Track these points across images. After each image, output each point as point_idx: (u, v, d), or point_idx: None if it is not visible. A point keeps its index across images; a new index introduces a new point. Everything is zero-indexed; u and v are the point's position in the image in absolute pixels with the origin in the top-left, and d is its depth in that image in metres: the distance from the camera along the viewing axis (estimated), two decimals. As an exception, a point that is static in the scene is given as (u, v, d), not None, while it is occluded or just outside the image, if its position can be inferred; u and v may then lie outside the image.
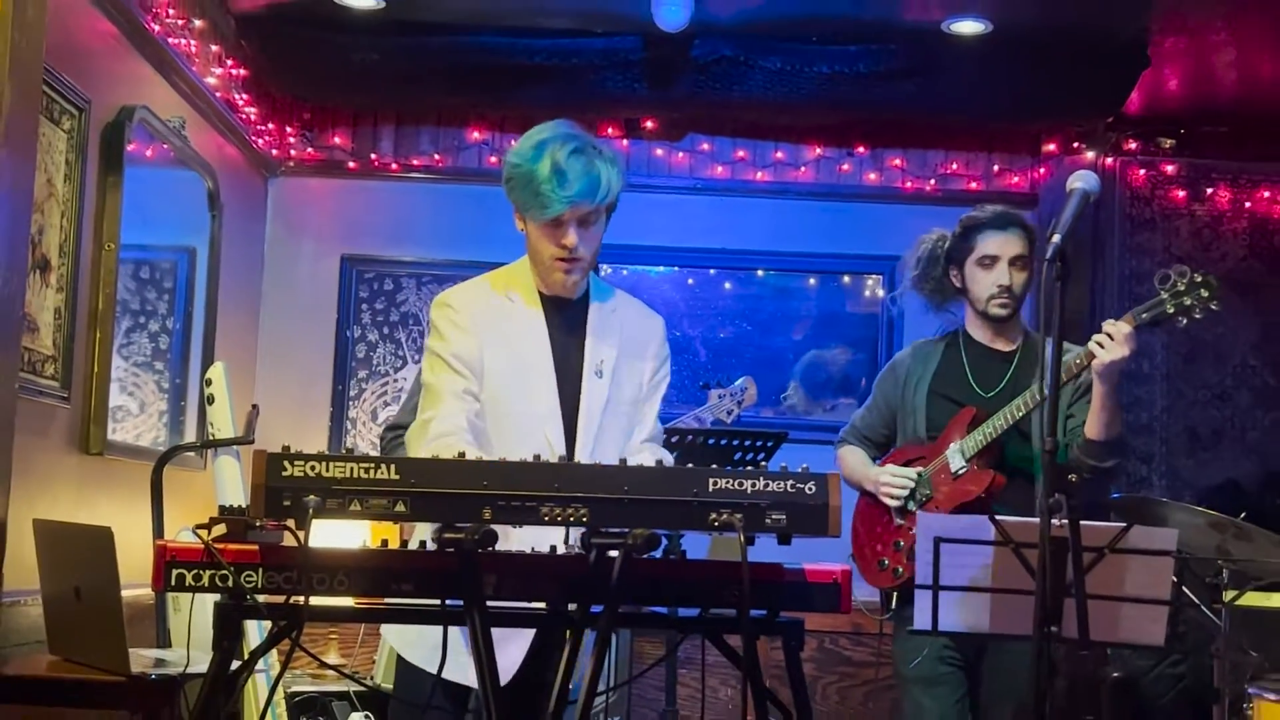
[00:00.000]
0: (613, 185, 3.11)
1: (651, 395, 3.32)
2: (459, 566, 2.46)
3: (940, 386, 4.04)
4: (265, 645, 2.61)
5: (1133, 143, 6.57)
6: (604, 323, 3.26)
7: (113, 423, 4.65)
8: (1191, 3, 5.37)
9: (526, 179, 3.08)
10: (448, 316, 3.18)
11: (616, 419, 3.22)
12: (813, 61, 5.83)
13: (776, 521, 2.44)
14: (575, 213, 3.09)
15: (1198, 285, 3.63)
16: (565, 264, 3.14)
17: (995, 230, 3.97)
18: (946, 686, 3.89)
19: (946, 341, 4.13)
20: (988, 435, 3.84)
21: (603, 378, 3.20)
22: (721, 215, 6.53)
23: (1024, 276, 3.97)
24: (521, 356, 3.17)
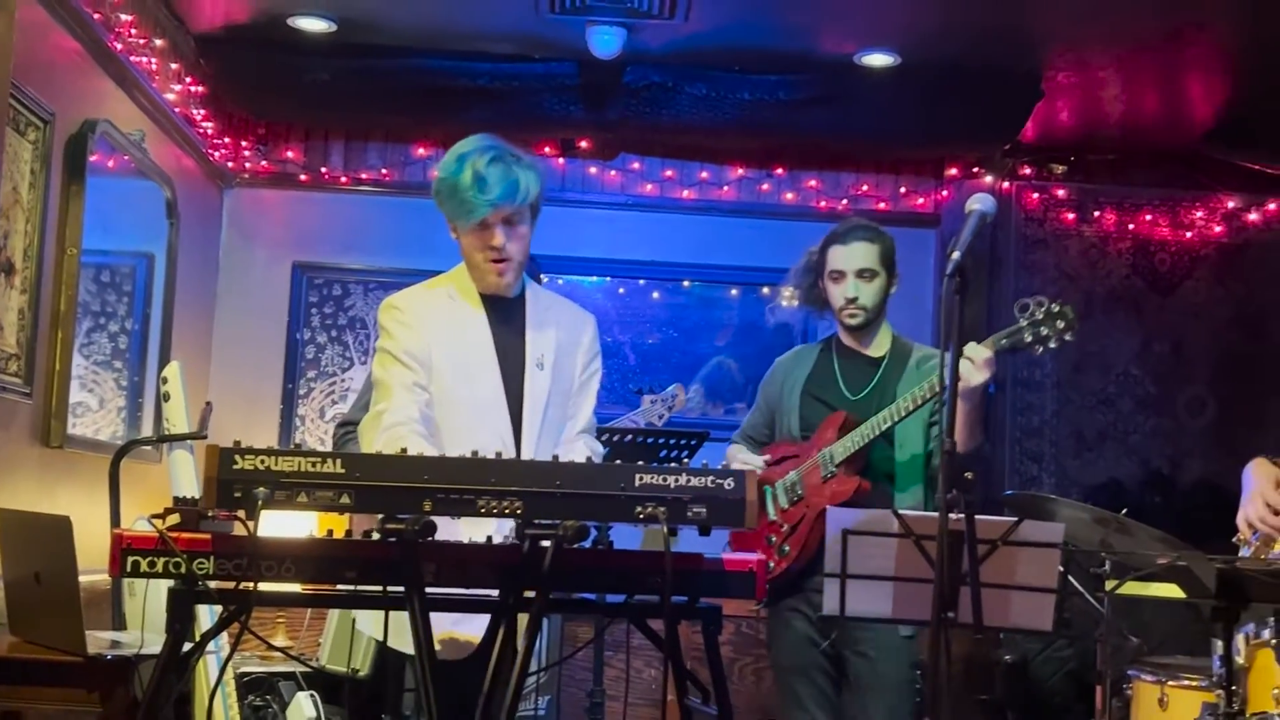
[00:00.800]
0: (531, 188, 3.15)
1: (585, 388, 3.33)
2: (400, 555, 2.45)
3: (813, 389, 3.98)
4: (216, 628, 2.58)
5: (1027, 168, 6.65)
6: (541, 318, 3.27)
7: (73, 418, 4.59)
8: (1082, 41, 5.44)
9: (451, 189, 3.12)
10: (395, 317, 3.19)
11: (557, 409, 3.24)
12: (736, 89, 5.86)
13: (698, 514, 2.45)
14: (499, 214, 3.12)
15: (1054, 316, 3.55)
16: (497, 264, 3.17)
17: (840, 245, 3.89)
18: (819, 673, 3.84)
19: (821, 346, 4.08)
20: (855, 443, 3.77)
21: (544, 370, 3.21)
22: (650, 230, 6.55)
23: (873, 286, 3.87)
24: (466, 351, 3.18)
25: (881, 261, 3.89)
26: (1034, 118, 6.07)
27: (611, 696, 5.51)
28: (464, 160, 3.12)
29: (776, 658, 3.97)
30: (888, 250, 3.91)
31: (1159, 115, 6.15)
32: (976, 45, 5.53)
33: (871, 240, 3.89)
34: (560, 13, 5.34)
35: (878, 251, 3.88)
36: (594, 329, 3.38)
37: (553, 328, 3.28)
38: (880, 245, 3.89)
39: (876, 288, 3.89)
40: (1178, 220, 6.62)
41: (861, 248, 3.87)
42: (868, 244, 3.88)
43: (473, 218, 3.12)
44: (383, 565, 2.48)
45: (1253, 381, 6.56)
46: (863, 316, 3.90)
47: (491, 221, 3.13)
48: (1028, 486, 6.36)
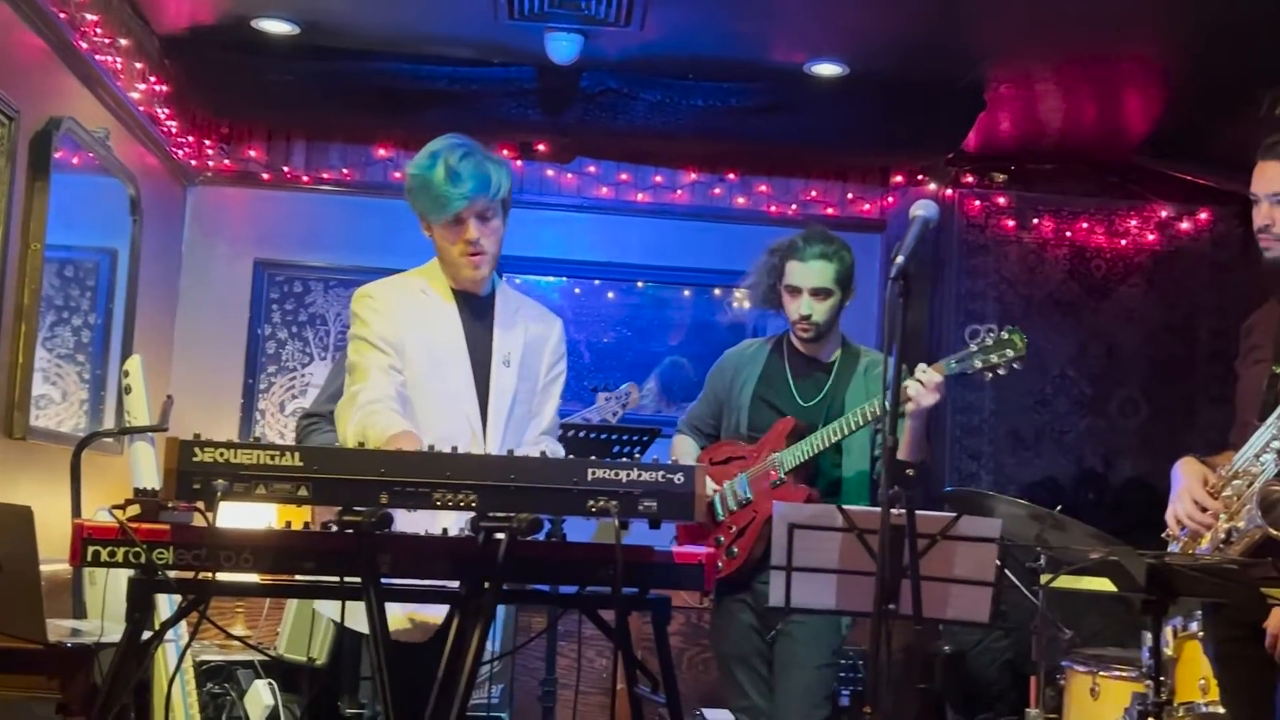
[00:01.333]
0: (503, 183, 3.16)
1: (549, 389, 3.33)
2: (357, 547, 2.44)
3: (763, 391, 3.96)
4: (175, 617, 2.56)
5: (970, 176, 6.69)
6: (509, 317, 3.27)
7: (36, 410, 4.54)
8: (1023, 55, 5.49)
9: (424, 185, 3.11)
10: (369, 305, 3.17)
11: (522, 406, 3.23)
12: (689, 95, 5.87)
13: (648, 508, 2.45)
14: (473, 208, 3.11)
15: (1004, 343, 3.54)
16: (473, 258, 3.16)
17: (799, 262, 3.86)
18: (758, 659, 3.90)
19: (772, 345, 4.06)
20: (806, 453, 3.77)
21: (510, 367, 3.20)
22: (606, 232, 6.54)
23: (826, 304, 3.85)
24: (437, 343, 3.16)
25: (837, 281, 3.86)
26: (976, 128, 6.11)
27: (563, 685, 5.50)
28: (436, 156, 3.11)
29: (719, 646, 4.00)
30: (845, 269, 3.87)
31: (1096, 127, 6.21)
32: (922, 57, 5.57)
33: (829, 259, 3.84)
34: (519, 19, 5.32)
35: (834, 271, 3.84)
36: (560, 332, 3.39)
37: (520, 327, 3.27)
38: (838, 264, 3.85)
39: (830, 306, 3.87)
40: (1113, 228, 6.69)
41: (819, 267, 3.84)
42: (825, 263, 3.84)
43: (447, 211, 3.11)
44: (340, 556, 2.46)
45: (1183, 384, 6.64)
46: (814, 332, 3.89)
47: (465, 215, 3.12)
48: (967, 483, 6.40)
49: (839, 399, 3.86)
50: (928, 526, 2.90)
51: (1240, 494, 2.99)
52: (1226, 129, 5.85)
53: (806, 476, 3.83)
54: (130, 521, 2.42)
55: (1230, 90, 5.46)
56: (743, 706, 3.88)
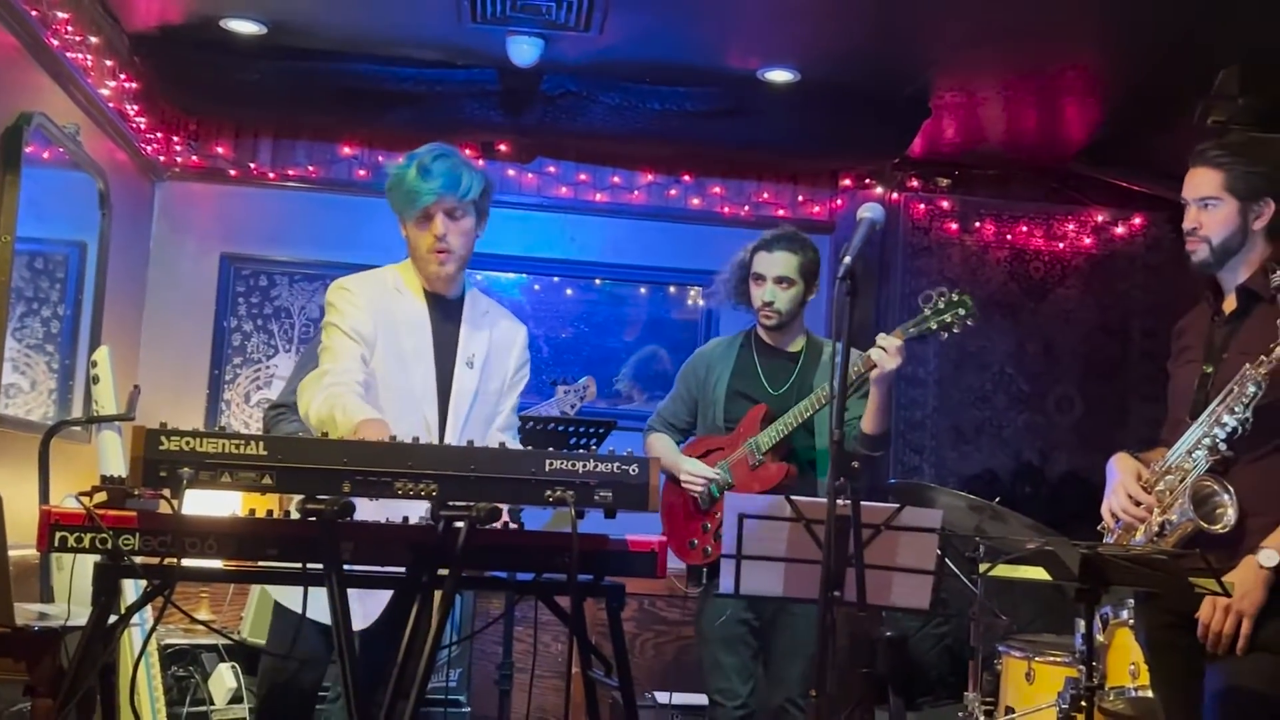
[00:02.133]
0: (474, 185, 3.17)
1: (510, 391, 3.35)
2: (320, 534, 2.42)
3: (737, 384, 4.05)
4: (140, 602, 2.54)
5: (915, 180, 6.71)
6: (477, 320, 3.28)
7: (5, 398, 4.48)
8: (967, 65, 5.52)
9: (398, 182, 3.15)
10: (345, 297, 3.18)
11: (483, 407, 3.24)
12: (646, 99, 5.86)
13: (604, 498, 2.45)
14: (441, 205, 3.13)
15: (955, 304, 3.73)
16: (439, 254, 3.17)
17: (765, 252, 4.01)
18: (742, 644, 3.94)
19: (741, 341, 4.15)
20: (780, 432, 3.88)
21: (473, 368, 3.21)
22: (565, 230, 6.53)
23: (789, 293, 3.99)
24: (406, 342, 3.17)
25: (800, 272, 3.99)
26: (922, 134, 6.14)
27: (520, 669, 5.49)
28: (413, 157, 3.17)
29: (704, 629, 4.01)
30: (809, 262, 4.01)
31: (1036, 134, 6.26)
32: (871, 66, 5.59)
33: (794, 251, 3.99)
34: (482, 22, 5.31)
35: (798, 263, 3.98)
36: (525, 338, 3.41)
37: (487, 330, 3.28)
38: (801, 257, 3.99)
39: (793, 295, 4.00)
40: (1051, 232, 6.74)
41: (783, 257, 3.97)
42: (789, 254, 3.98)
43: (417, 205, 3.13)
44: (302, 543, 2.45)
45: (1116, 382, 6.70)
46: (776, 319, 4.00)
47: (433, 210, 3.14)
48: (910, 476, 6.44)
49: (807, 385, 3.96)
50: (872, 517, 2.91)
51: (1173, 489, 3.02)
52: (1161, 137, 5.90)
53: (783, 455, 3.93)
54: (97, 508, 2.40)
55: (1165, 100, 5.51)
56: (721, 689, 3.94)
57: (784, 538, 3.05)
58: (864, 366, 3.74)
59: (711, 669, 3.98)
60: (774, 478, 3.86)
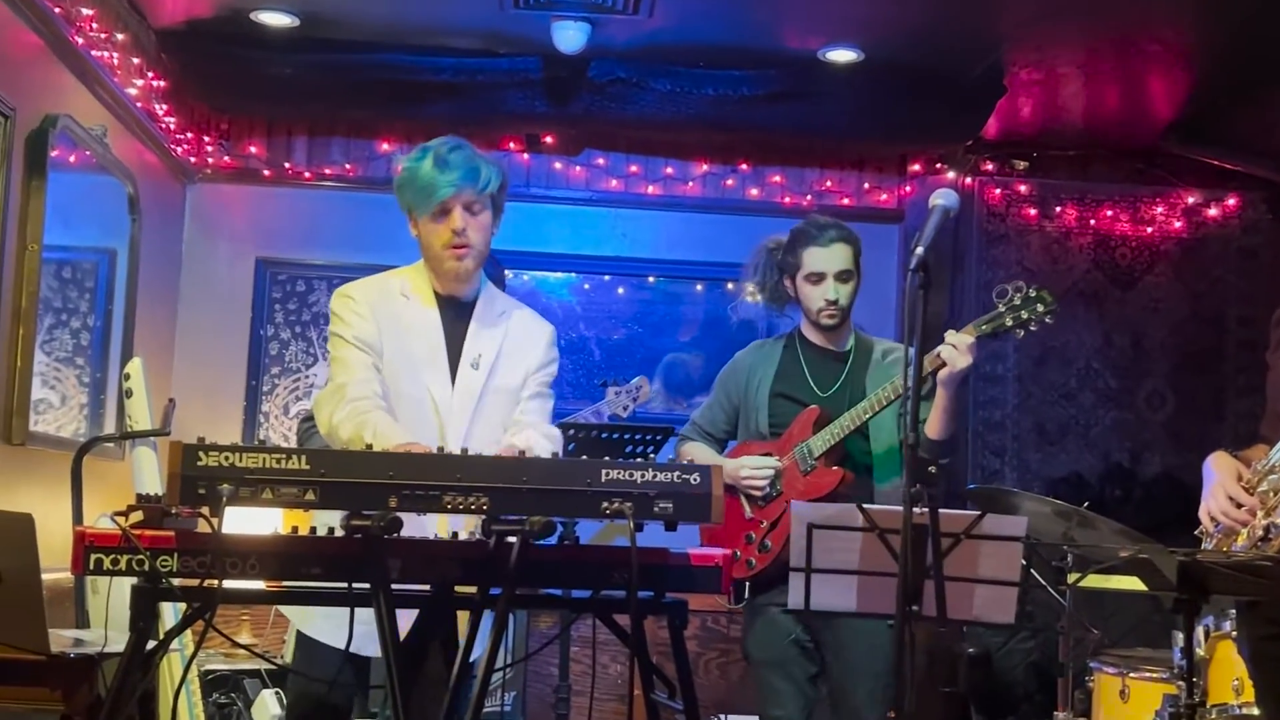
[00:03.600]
0: (492, 178, 3.17)
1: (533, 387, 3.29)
2: (365, 552, 2.44)
3: (781, 387, 3.99)
4: (180, 626, 2.57)
5: (989, 164, 6.67)
6: (489, 320, 3.26)
7: (35, 415, 4.54)
8: (1044, 39, 5.47)
9: (412, 176, 3.16)
10: (348, 306, 3.19)
11: (494, 410, 3.21)
12: (700, 84, 5.86)
13: (664, 510, 2.45)
14: (459, 198, 3.13)
15: (1033, 300, 3.66)
16: (456, 250, 3.16)
17: (820, 247, 3.90)
18: (797, 667, 3.85)
19: (784, 342, 4.09)
20: (835, 435, 3.81)
21: (478, 369, 3.20)
22: (615, 225, 6.54)
23: (849, 287, 3.92)
24: (416, 348, 3.17)
25: (855, 262, 3.94)
26: (996, 114, 6.10)
27: (577, 692, 5.51)
28: (426, 150, 3.17)
29: (753, 651, 3.96)
30: (859, 250, 3.97)
31: (1119, 111, 6.19)
32: (940, 42, 5.55)
33: (848, 242, 3.93)
34: (525, 8, 5.32)
35: (852, 253, 3.93)
36: (549, 337, 3.36)
37: (500, 329, 3.26)
38: (854, 247, 3.94)
39: (852, 288, 3.95)
40: (1138, 215, 6.67)
41: (840, 249, 3.90)
42: (845, 245, 3.92)
43: (434, 200, 3.13)
44: (348, 562, 2.47)
45: (1211, 375, 6.63)
46: (840, 317, 3.94)
47: (451, 204, 3.13)
48: (990, 480, 6.40)
49: (859, 386, 3.90)
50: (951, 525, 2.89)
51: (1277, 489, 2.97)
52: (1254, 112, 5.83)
53: (836, 461, 3.87)
54: (133, 528, 2.43)
55: (1258, 72, 5.44)
56: (776, 717, 3.86)
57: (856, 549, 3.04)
58: (930, 366, 3.69)
59: (765, 695, 3.91)
60: (827, 484, 3.81)
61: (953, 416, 3.75)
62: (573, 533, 2.61)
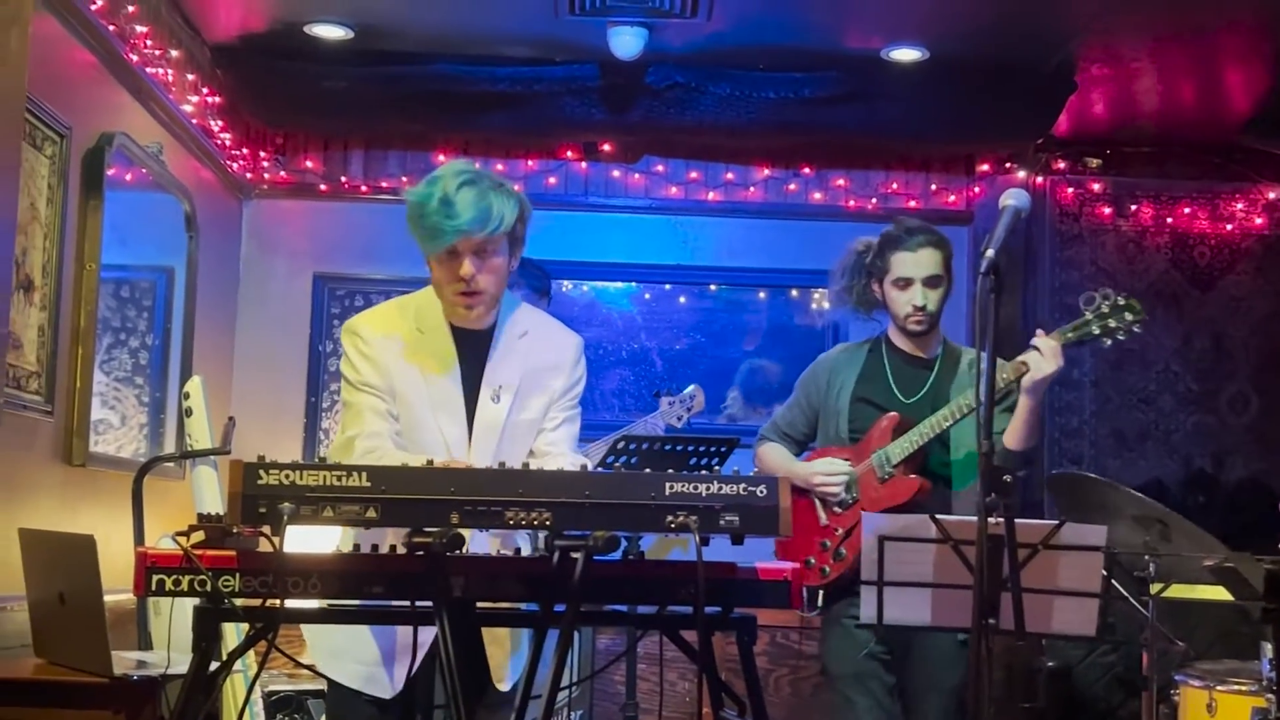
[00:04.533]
0: (506, 215, 2.96)
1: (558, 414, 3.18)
2: (428, 569, 2.45)
3: (863, 391, 3.99)
4: (243, 646, 2.59)
5: (1061, 162, 6.61)
6: (508, 349, 3.12)
7: (95, 435, 4.61)
8: (1116, 31, 5.42)
9: (418, 213, 2.96)
10: (356, 346, 3.07)
11: (515, 443, 3.10)
12: (760, 87, 5.85)
13: (730, 523, 2.45)
14: (468, 243, 2.95)
15: (1121, 308, 3.65)
16: (465, 298, 3.01)
17: (908, 252, 3.90)
18: (875, 681, 3.83)
19: (869, 347, 4.08)
20: (914, 443, 3.80)
21: (499, 402, 3.07)
22: (676, 233, 6.55)
23: (938, 293, 3.92)
24: (430, 387, 3.06)
25: (945, 267, 3.94)
26: (1067, 111, 6.05)
27: (645, 710, 5.50)
28: (435, 182, 2.96)
29: (830, 664, 3.94)
30: (949, 255, 3.96)
31: (1196, 106, 6.12)
32: (1007, 37, 5.51)
33: (938, 247, 3.93)
34: (580, 14, 5.34)
35: (942, 258, 3.93)
36: (575, 350, 3.21)
37: (520, 356, 3.13)
38: (944, 251, 3.94)
39: (941, 294, 3.95)
40: (1217, 213, 6.58)
41: (929, 254, 3.91)
42: (934, 250, 3.92)
43: (439, 244, 2.96)
44: (410, 579, 2.48)
45: (1297, 376, 6.53)
46: (928, 323, 3.94)
47: (461, 250, 2.96)
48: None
49: (943, 394, 3.89)
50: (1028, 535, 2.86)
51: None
52: (1338, 103, 5.75)
53: (915, 469, 3.86)
54: (195, 548, 2.45)
55: (1341, 61, 5.36)
56: None
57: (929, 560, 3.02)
58: (1013, 374, 3.67)
59: (842, 709, 3.89)
60: (904, 493, 3.80)
61: (1033, 427, 3.73)
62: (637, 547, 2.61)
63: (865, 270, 4.03)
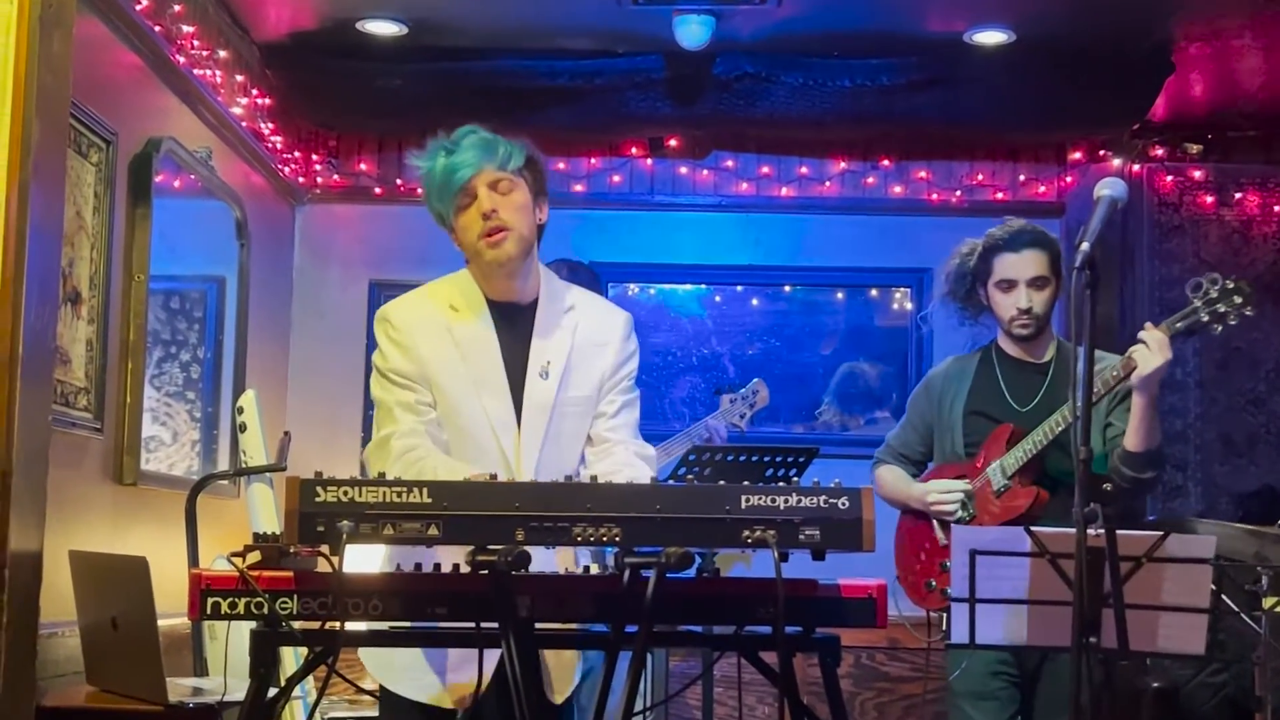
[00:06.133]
0: (513, 152, 3.08)
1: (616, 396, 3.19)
2: (493, 589, 2.46)
3: (976, 403, 4.02)
4: (302, 671, 2.61)
5: (1159, 149, 6.54)
6: (553, 324, 3.15)
7: (146, 453, 4.67)
8: (1215, 8, 5.35)
9: (429, 175, 3.11)
10: (386, 333, 3.12)
11: (571, 421, 3.12)
12: (835, 75, 5.84)
13: (810, 537, 2.43)
14: (481, 178, 3.05)
15: (1230, 292, 3.64)
16: (491, 237, 3.06)
17: (1011, 253, 3.94)
18: (997, 701, 3.86)
19: (980, 356, 4.11)
20: (1027, 452, 3.82)
21: (548, 379, 3.09)
22: (747, 232, 6.54)
23: (1045, 295, 3.95)
24: (470, 367, 3.08)
25: (1052, 268, 3.95)
26: (1164, 94, 5.98)
27: (723, 736, 5.49)
28: (436, 144, 3.12)
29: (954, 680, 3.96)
30: (1057, 256, 3.97)
31: (1304, 85, 6.04)
32: (1099, 17, 5.46)
33: (1043, 247, 3.95)
34: (644, 3, 5.36)
35: (1048, 258, 3.95)
36: (624, 326, 3.23)
37: (568, 332, 3.15)
38: (1050, 252, 3.96)
39: (1047, 297, 3.97)
40: (1329, 200, 6.50)
41: (1033, 255, 3.93)
42: (1039, 251, 3.94)
43: (454, 184, 3.06)
44: (475, 600, 2.49)
45: None
46: (1034, 327, 3.97)
47: (474, 185, 3.05)
48: (1173, 497, 6.28)
49: (1059, 399, 3.89)
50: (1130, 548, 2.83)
51: None
52: None
53: (1033, 479, 3.87)
54: (251, 569, 2.47)
55: None
56: None
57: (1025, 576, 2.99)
58: (1121, 369, 3.65)
59: None
60: (1021, 505, 3.81)
61: (1152, 425, 3.73)
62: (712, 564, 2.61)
63: (970, 273, 4.06)
